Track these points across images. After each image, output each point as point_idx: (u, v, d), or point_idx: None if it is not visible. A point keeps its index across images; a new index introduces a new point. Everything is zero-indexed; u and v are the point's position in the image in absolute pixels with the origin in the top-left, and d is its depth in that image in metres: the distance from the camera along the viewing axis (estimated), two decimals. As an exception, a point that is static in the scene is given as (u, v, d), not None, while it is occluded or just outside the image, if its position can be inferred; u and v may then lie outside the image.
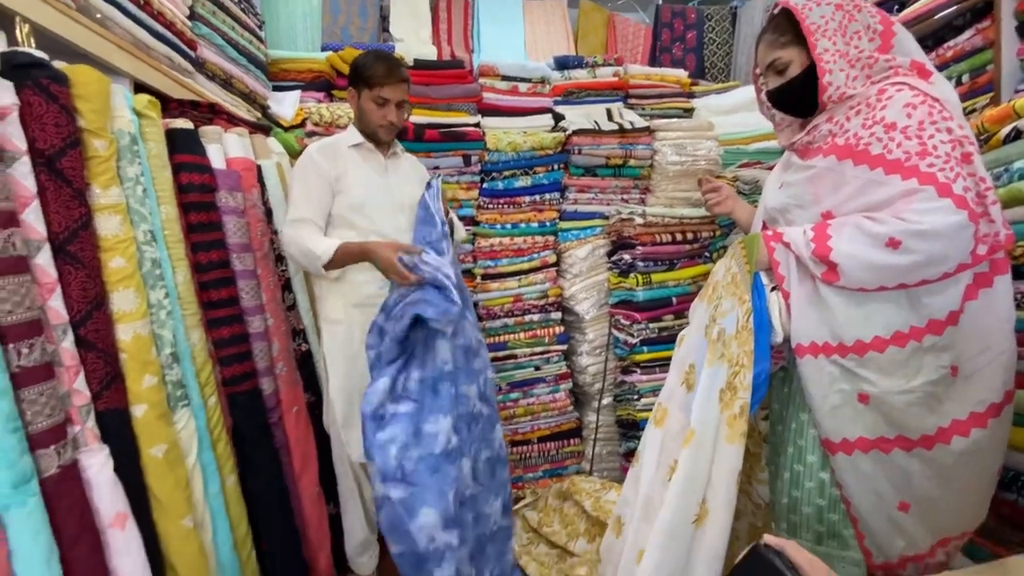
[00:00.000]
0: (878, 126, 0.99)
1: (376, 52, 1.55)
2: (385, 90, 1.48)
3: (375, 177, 1.55)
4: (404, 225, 1.56)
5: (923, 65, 1.05)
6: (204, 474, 1.21)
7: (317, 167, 1.47)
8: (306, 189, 1.46)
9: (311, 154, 1.49)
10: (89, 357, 1.00)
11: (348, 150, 1.53)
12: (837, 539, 1.06)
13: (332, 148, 1.52)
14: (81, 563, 0.92)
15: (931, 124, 0.96)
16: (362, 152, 1.55)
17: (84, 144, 1.03)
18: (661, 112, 2.37)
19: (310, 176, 1.47)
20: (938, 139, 0.95)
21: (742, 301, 1.07)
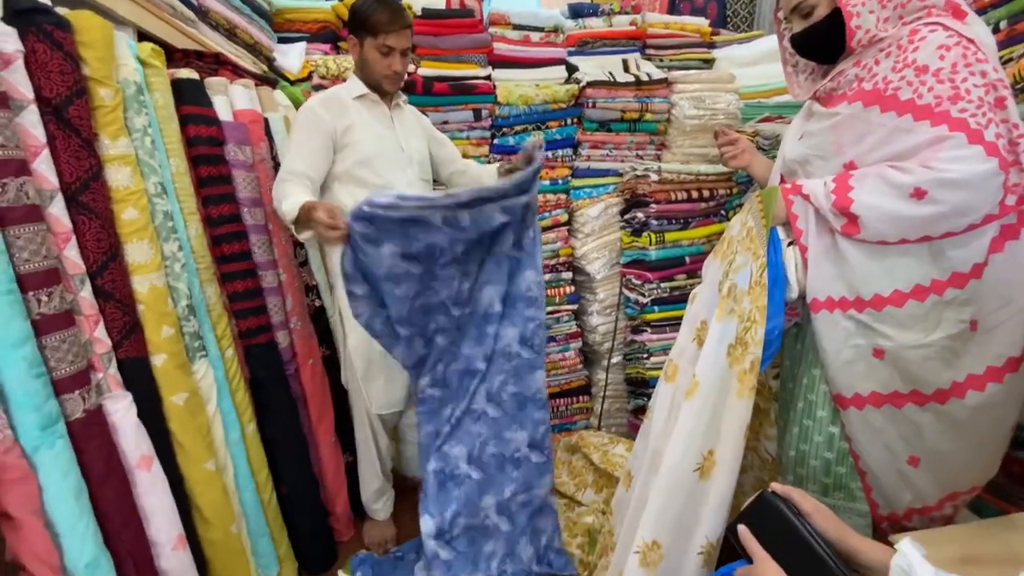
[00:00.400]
0: (909, 69, 0.94)
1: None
2: (390, 38, 1.41)
3: (382, 130, 1.49)
4: (414, 179, 1.53)
5: (958, 5, 0.99)
6: (224, 422, 1.25)
7: (319, 121, 1.39)
8: (303, 144, 1.38)
9: (313, 107, 1.41)
10: (107, 307, 1.02)
11: (352, 102, 1.45)
12: (843, 491, 1.07)
13: (335, 100, 1.43)
14: (110, 501, 0.97)
15: (964, 67, 0.91)
16: (366, 104, 1.48)
17: (90, 93, 1.03)
18: (680, 63, 2.27)
19: (310, 130, 1.39)
20: (971, 83, 0.90)
21: (756, 256, 1.05)
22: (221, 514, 1.20)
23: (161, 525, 1.05)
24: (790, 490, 0.70)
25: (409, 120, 1.59)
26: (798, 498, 0.69)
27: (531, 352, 1.45)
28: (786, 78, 1.23)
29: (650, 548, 0.98)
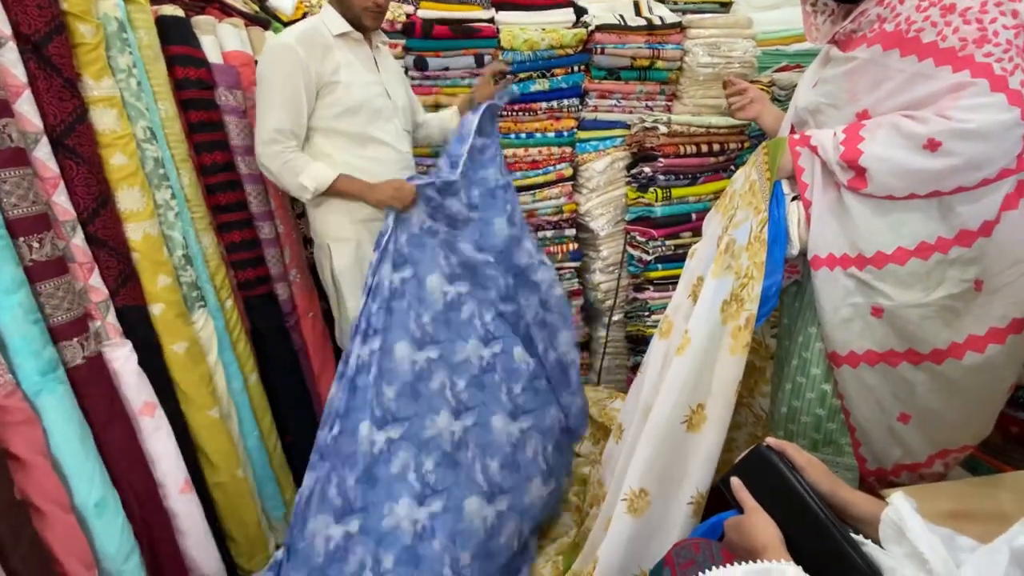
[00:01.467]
0: (934, 8, 0.88)
1: None
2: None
3: (368, 75, 1.32)
4: (400, 129, 1.40)
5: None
6: (227, 372, 1.26)
7: (299, 62, 1.21)
8: (285, 90, 1.21)
9: (290, 45, 1.21)
10: (101, 255, 1.01)
11: (334, 40, 1.27)
12: (832, 446, 1.08)
13: (317, 38, 1.24)
14: (116, 445, 1.00)
15: (995, 5, 0.85)
16: (349, 43, 1.30)
17: (70, 29, 0.98)
18: (695, 6, 2.14)
19: (289, 74, 1.20)
20: (1001, 23, 0.84)
21: (757, 211, 1.01)
22: (227, 459, 1.24)
23: (167, 468, 1.08)
24: (784, 444, 0.70)
25: (391, 63, 1.46)
26: (792, 452, 0.69)
27: (554, 315, 1.46)
28: (803, 19, 1.15)
29: (637, 496, 1.00)
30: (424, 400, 1.22)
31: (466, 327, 1.30)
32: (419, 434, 1.20)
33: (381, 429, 1.17)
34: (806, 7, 1.13)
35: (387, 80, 1.39)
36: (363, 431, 1.15)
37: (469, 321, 1.31)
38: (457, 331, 1.29)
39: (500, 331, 1.34)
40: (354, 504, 1.13)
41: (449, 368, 1.26)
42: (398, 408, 1.19)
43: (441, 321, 1.27)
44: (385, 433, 1.17)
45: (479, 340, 1.30)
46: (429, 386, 1.23)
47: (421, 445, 1.19)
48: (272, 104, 1.22)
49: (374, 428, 1.16)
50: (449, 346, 1.27)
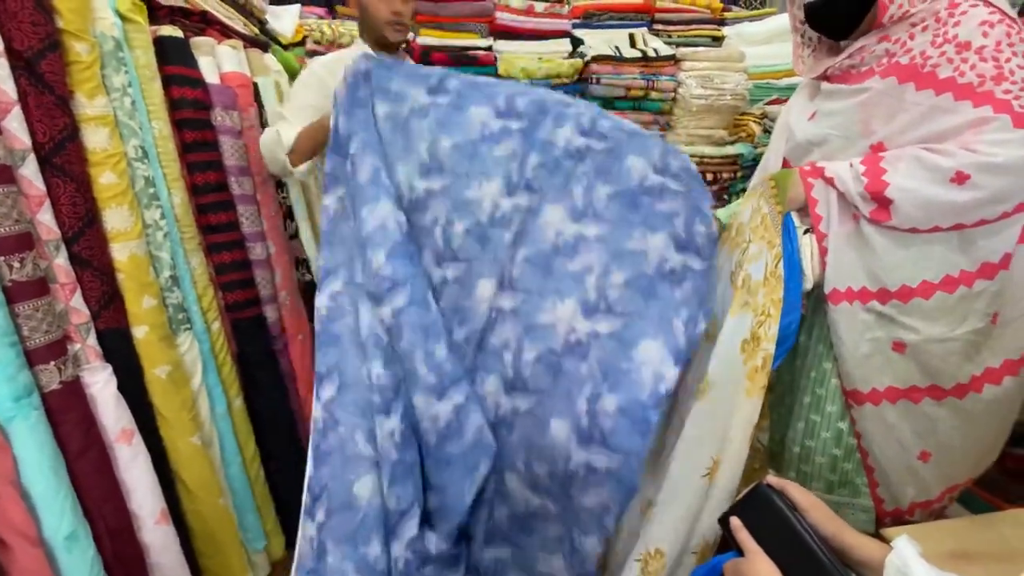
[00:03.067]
0: (949, 45, 0.89)
1: None
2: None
3: None
4: None
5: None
6: (210, 396, 1.22)
7: (320, 83, 1.31)
8: (300, 103, 1.30)
9: (314, 70, 1.35)
10: (85, 275, 0.98)
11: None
12: (849, 487, 1.05)
13: (339, 64, 1.29)
14: (90, 474, 0.95)
15: (1008, 46, 0.86)
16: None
17: (64, 47, 0.97)
18: (688, 40, 2.19)
19: (308, 92, 1.31)
20: (1015, 63, 0.86)
21: (771, 245, 0.99)
22: (207, 488, 1.19)
23: (143, 499, 1.03)
24: (785, 483, 0.68)
25: None
26: (793, 491, 0.66)
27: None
28: (793, 50, 1.16)
29: (652, 556, 0.94)
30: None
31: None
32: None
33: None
34: (796, 38, 1.15)
35: None
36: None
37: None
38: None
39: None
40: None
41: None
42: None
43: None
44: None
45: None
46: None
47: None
48: (287, 112, 1.31)
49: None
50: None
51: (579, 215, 1.02)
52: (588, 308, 0.97)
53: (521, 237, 1.02)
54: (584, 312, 0.97)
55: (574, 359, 0.96)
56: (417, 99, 1.07)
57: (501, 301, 1.01)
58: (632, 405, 0.91)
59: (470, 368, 1.00)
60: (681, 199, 1.01)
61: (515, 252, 1.01)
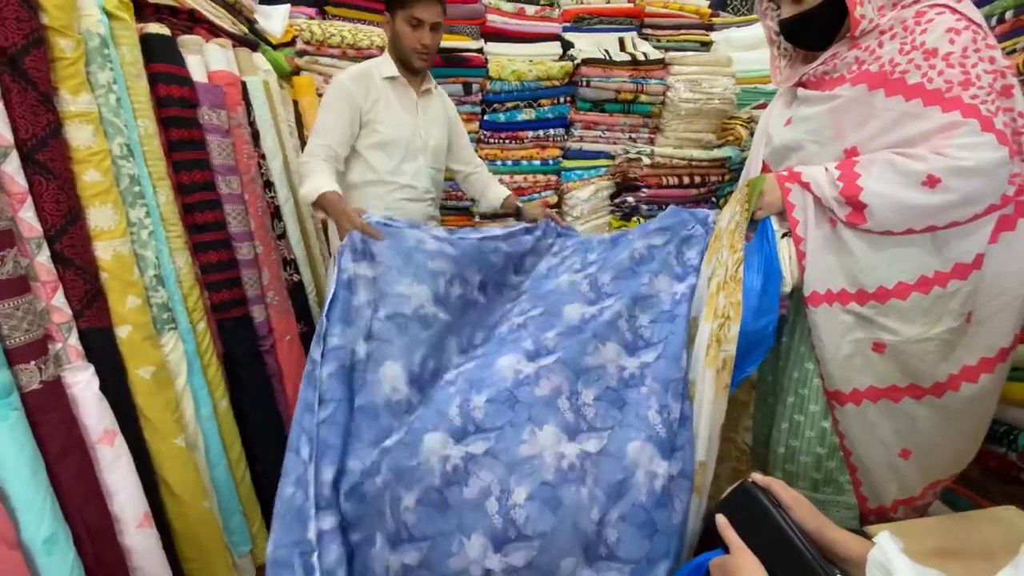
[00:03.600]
0: (917, 52, 0.91)
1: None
2: (418, 9, 1.39)
3: (405, 116, 1.50)
4: (423, 167, 1.54)
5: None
6: (195, 397, 1.21)
7: (349, 97, 1.41)
8: (331, 118, 1.40)
9: (343, 82, 1.42)
10: (67, 274, 0.96)
11: (382, 82, 1.46)
12: (833, 485, 1.07)
13: (365, 78, 1.46)
14: (70, 476, 0.93)
15: (974, 52, 0.89)
16: (395, 86, 1.48)
17: (49, 44, 0.95)
18: (677, 44, 2.22)
19: (338, 105, 1.41)
20: (981, 68, 0.88)
21: (734, 250, 1.01)
22: (191, 490, 1.17)
23: (125, 502, 1.01)
24: (770, 481, 0.68)
25: (435, 107, 1.59)
26: (778, 489, 0.67)
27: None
28: (770, 62, 1.19)
29: None
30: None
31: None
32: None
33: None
34: (773, 50, 1.17)
35: (423, 121, 1.53)
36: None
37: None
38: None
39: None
40: (412, 532, 0.90)
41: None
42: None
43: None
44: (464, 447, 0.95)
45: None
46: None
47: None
48: (320, 128, 1.40)
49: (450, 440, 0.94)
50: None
51: (533, 355, 1.05)
52: (571, 430, 0.96)
53: (479, 384, 1.00)
54: (568, 434, 0.95)
55: (573, 486, 0.90)
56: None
57: (467, 448, 0.93)
58: (633, 511, 0.90)
59: (433, 535, 0.90)
60: (618, 305, 1.08)
61: (471, 396, 0.98)
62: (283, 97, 1.78)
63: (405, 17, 1.40)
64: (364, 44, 1.90)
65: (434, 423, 0.96)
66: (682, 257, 1.14)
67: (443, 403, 0.99)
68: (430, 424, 0.96)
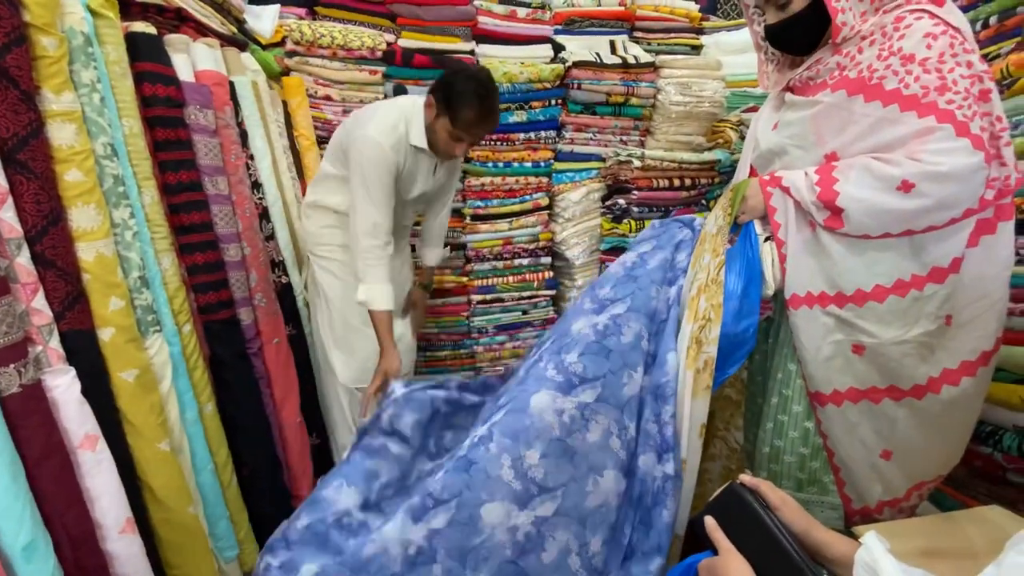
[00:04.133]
0: (895, 57, 0.92)
1: (479, 83, 1.37)
2: (467, 135, 1.41)
3: (422, 180, 1.56)
4: (408, 211, 1.62)
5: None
6: (180, 401, 1.19)
7: (391, 166, 1.42)
8: (386, 189, 1.41)
9: (386, 150, 1.40)
10: (48, 275, 0.95)
11: (409, 148, 1.48)
12: (817, 485, 1.08)
13: (402, 146, 1.45)
14: (51, 482, 0.92)
15: (951, 57, 0.89)
16: (421, 155, 1.52)
17: (31, 42, 0.94)
18: (667, 48, 2.23)
19: (388, 174, 1.41)
20: (958, 73, 0.89)
21: (716, 253, 1.03)
22: (176, 495, 1.15)
23: (107, 507, 0.99)
24: (758, 482, 0.68)
25: (447, 171, 1.64)
26: (766, 490, 0.67)
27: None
28: (758, 67, 1.20)
29: None
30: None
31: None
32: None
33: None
34: (760, 55, 1.19)
35: (434, 182, 1.60)
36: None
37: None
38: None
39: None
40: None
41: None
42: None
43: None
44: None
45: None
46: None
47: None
48: (375, 200, 1.40)
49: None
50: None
51: (565, 387, 1.00)
52: (625, 467, 0.95)
53: (524, 435, 0.95)
54: (623, 471, 0.95)
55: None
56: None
57: (535, 512, 0.91)
58: (642, 512, 0.94)
59: None
60: (636, 325, 1.06)
61: (521, 452, 0.93)
62: (272, 97, 1.77)
63: (450, 130, 1.39)
64: (355, 45, 1.89)
65: (489, 492, 0.89)
66: (673, 261, 1.14)
67: (489, 465, 0.91)
68: (484, 494, 0.89)
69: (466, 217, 2.10)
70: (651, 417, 0.99)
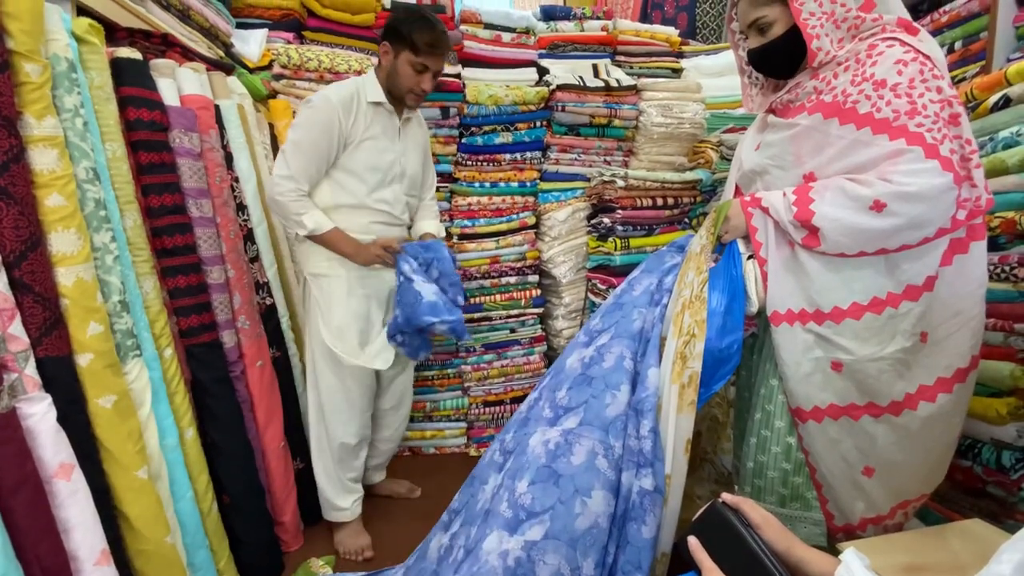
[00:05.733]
0: (867, 83, 0.96)
1: (423, 13, 1.42)
2: (429, 59, 1.40)
3: (386, 143, 1.49)
4: (400, 194, 1.54)
5: (910, 22, 1.01)
6: (160, 426, 1.17)
7: (335, 123, 1.38)
8: (317, 142, 1.38)
9: (331, 103, 1.38)
10: (26, 301, 0.93)
11: (367, 106, 1.44)
12: (800, 501, 1.08)
13: (353, 102, 1.42)
14: (24, 513, 0.89)
15: (921, 82, 0.93)
16: (379, 113, 1.47)
17: (14, 68, 0.94)
18: (649, 71, 2.29)
19: (325, 129, 1.38)
20: (928, 98, 0.92)
21: (699, 271, 1.05)
22: (153, 525, 1.12)
23: (82, 539, 0.97)
24: (740, 500, 0.68)
25: (414, 133, 1.59)
26: (747, 509, 0.67)
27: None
28: (742, 88, 1.24)
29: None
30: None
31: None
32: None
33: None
34: (744, 78, 1.23)
35: (403, 149, 1.53)
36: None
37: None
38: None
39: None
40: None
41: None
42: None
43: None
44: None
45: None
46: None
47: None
48: (300, 148, 1.38)
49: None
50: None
51: (553, 420, 1.08)
52: (615, 487, 0.97)
53: (520, 471, 1.02)
54: (613, 492, 0.97)
55: (612, 538, 0.95)
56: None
57: (524, 537, 0.95)
58: (605, 557, 0.95)
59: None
60: (617, 347, 1.11)
61: (515, 485, 1.01)
62: (258, 120, 1.78)
63: (411, 61, 1.39)
64: (342, 68, 1.91)
65: (489, 527, 0.96)
66: (660, 284, 1.17)
67: (491, 502, 1.01)
68: (488, 528, 0.96)
69: (454, 236, 2.11)
70: (633, 432, 1.00)
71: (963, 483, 1.26)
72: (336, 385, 1.51)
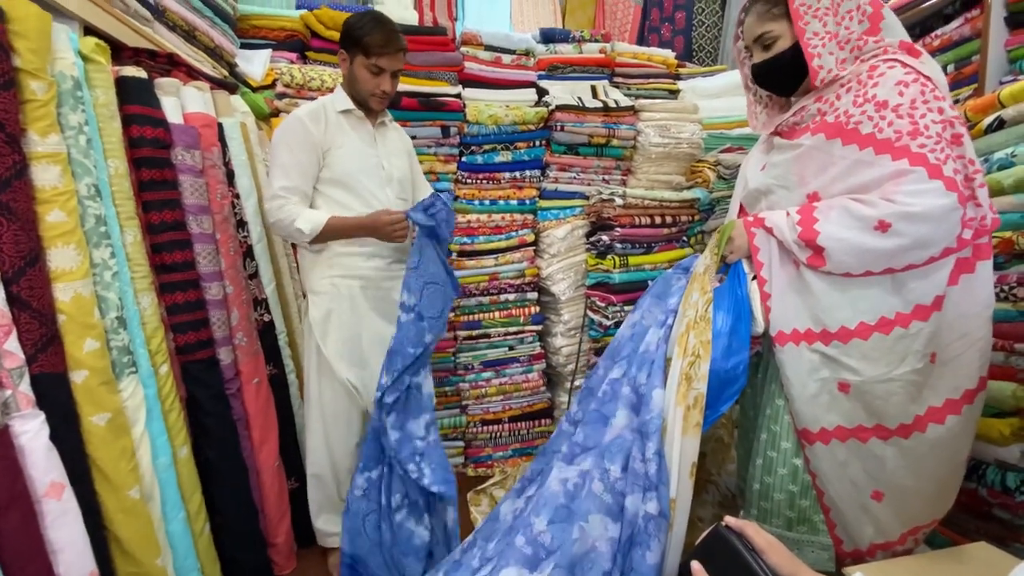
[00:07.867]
0: (869, 104, 0.97)
1: (374, 15, 1.44)
2: (382, 59, 1.40)
3: (364, 147, 1.48)
4: (393, 197, 1.53)
5: (911, 46, 1.03)
6: (153, 445, 1.15)
7: (307, 134, 1.39)
8: (294, 157, 1.38)
9: (301, 119, 1.40)
10: (22, 317, 0.93)
11: (337, 116, 1.45)
12: (807, 524, 1.06)
13: (321, 113, 1.42)
14: (13, 533, 0.87)
15: (923, 103, 0.94)
16: (351, 120, 1.47)
17: (20, 85, 0.95)
18: (646, 92, 2.32)
19: (299, 143, 1.39)
20: (930, 119, 0.93)
21: (703, 291, 1.05)
22: (144, 547, 1.10)
23: (71, 561, 0.94)
24: (744, 524, 0.67)
25: (392, 138, 1.59)
26: (752, 533, 0.66)
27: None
28: (748, 108, 1.25)
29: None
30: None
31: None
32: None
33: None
34: (749, 95, 1.24)
35: (384, 152, 1.54)
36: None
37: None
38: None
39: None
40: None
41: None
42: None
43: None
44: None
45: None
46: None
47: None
48: (280, 167, 1.39)
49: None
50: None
51: (569, 458, 1.12)
52: (612, 511, 0.99)
53: (538, 508, 1.05)
54: (612, 516, 0.98)
55: (616, 564, 0.96)
56: None
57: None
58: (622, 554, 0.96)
59: None
60: (616, 371, 1.15)
61: (532, 521, 1.03)
62: (261, 138, 1.79)
63: (366, 64, 1.39)
64: (344, 88, 1.94)
65: (506, 559, 0.99)
66: (665, 304, 1.17)
67: (513, 536, 1.02)
68: (503, 561, 0.99)
69: (453, 254, 2.11)
70: (638, 455, 0.99)
71: (969, 505, 1.25)
72: (333, 403, 1.49)
